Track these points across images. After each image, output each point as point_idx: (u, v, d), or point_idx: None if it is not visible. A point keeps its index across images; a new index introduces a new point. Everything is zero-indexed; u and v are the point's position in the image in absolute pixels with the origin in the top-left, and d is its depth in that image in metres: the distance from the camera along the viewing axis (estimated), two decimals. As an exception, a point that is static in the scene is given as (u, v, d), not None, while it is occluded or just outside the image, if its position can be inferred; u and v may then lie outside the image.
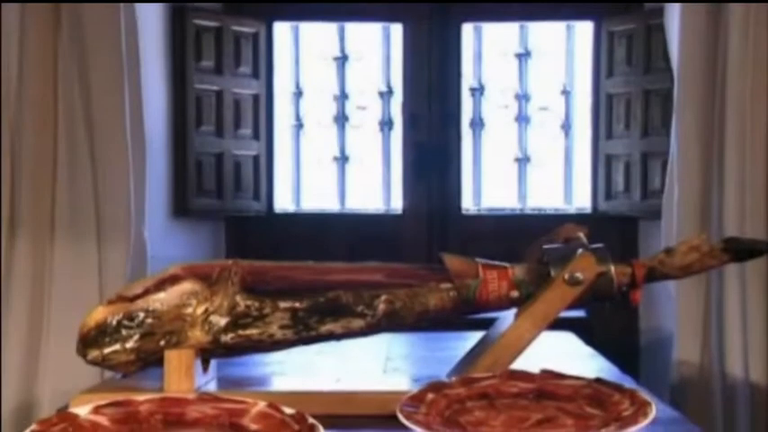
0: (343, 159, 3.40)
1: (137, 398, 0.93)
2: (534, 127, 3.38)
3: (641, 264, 1.16)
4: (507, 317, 1.19)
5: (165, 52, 3.08)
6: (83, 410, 0.89)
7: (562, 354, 1.53)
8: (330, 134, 3.40)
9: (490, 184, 3.38)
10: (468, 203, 3.33)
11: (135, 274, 2.36)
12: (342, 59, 3.39)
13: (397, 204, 3.34)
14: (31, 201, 2.34)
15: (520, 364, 1.11)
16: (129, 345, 1.12)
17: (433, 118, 3.28)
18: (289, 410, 0.91)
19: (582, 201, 3.30)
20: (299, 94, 3.41)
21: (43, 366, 2.33)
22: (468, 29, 3.32)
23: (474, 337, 1.25)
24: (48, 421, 0.87)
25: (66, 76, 2.37)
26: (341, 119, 3.39)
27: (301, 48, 3.40)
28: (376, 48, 3.39)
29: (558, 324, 1.20)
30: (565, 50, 3.36)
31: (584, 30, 3.29)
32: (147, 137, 2.53)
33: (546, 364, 1.07)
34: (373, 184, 3.40)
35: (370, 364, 1.43)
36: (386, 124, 3.38)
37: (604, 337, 2.20)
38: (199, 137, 3.12)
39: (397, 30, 3.33)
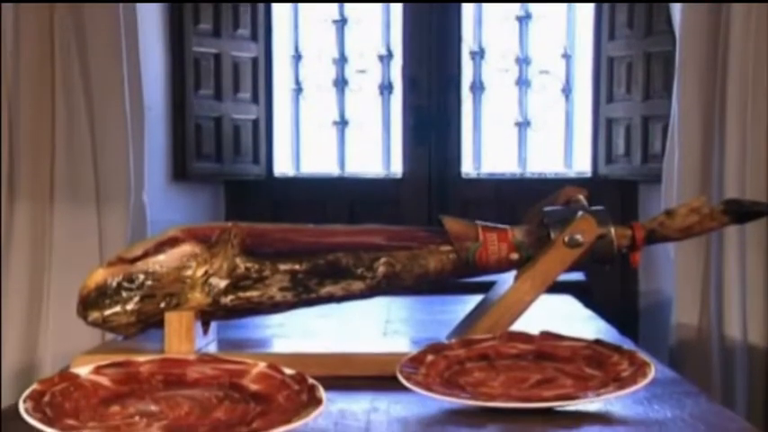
0: (342, 123, 3.39)
1: (137, 359, 0.93)
2: (535, 91, 3.36)
3: (641, 226, 1.16)
4: (507, 279, 1.19)
5: (163, 15, 3.06)
6: (83, 370, 0.90)
7: (561, 316, 1.53)
8: (329, 98, 3.38)
9: (490, 148, 3.37)
10: (468, 167, 3.33)
11: (135, 238, 2.36)
12: (341, 22, 3.37)
13: (397, 168, 3.33)
14: (29, 166, 2.34)
15: (519, 326, 1.11)
16: (130, 307, 1.12)
17: (432, 82, 3.26)
18: (289, 371, 0.91)
19: (582, 165, 3.29)
20: (298, 57, 3.38)
21: (44, 329, 2.35)
22: (468, -9, 3.30)
23: (473, 300, 1.26)
24: (49, 381, 0.87)
25: (63, 41, 2.35)
26: (340, 82, 3.37)
27: (300, 10, 3.37)
28: (375, 11, 3.36)
29: (558, 287, 1.21)
30: (566, 13, 3.33)
31: (586, -8, 3.26)
32: (146, 101, 2.52)
33: (545, 327, 1.08)
34: (373, 148, 3.38)
35: (370, 327, 1.44)
36: (385, 88, 3.37)
37: (603, 300, 2.21)
38: (197, 100, 3.11)
39: (396, -8, 3.30)
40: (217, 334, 1.22)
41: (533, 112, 3.36)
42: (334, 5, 3.36)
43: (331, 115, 3.38)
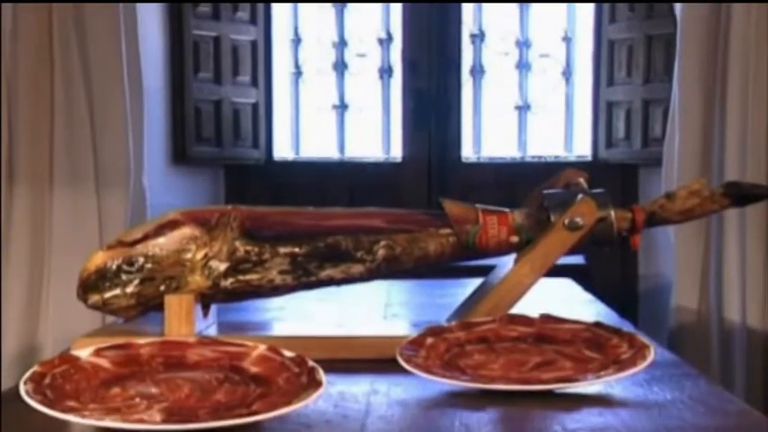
0: (342, 107, 3.38)
1: (137, 341, 0.93)
2: (535, 74, 3.35)
3: (641, 208, 1.16)
4: (507, 262, 1.19)
5: (162, -2, 3.05)
6: (84, 353, 0.90)
7: (561, 300, 1.53)
8: (329, 82, 3.37)
9: (490, 131, 3.37)
10: (468, 151, 3.32)
11: (135, 221, 2.37)
12: (340, 6, 3.35)
13: (397, 152, 3.32)
14: (28, 150, 2.34)
15: (519, 309, 1.11)
16: (130, 289, 1.12)
17: (432, 65, 3.25)
18: (289, 354, 0.91)
19: (582, 148, 3.29)
20: (297, 40, 3.37)
21: (45, 312, 2.35)
22: (468, -26, 3.28)
23: (473, 284, 1.26)
24: (50, 363, 0.87)
25: (61, 24, 2.35)
26: (340, 66, 3.36)
27: (299, -6, 3.36)
28: (375, -6, 3.35)
29: (558, 271, 1.21)
30: (566, -4, 3.31)
31: (586, -26, 3.24)
32: (145, 84, 2.51)
33: (545, 310, 1.08)
34: (373, 132, 3.38)
35: (370, 311, 1.44)
36: (385, 71, 3.36)
37: (603, 283, 2.21)
38: (197, 84, 3.10)
39: (396, -25, 3.29)
40: (217, 317, 1.22)
41: (533, 96, 3.35)
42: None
43: (330, 99, 3.38)
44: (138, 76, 2.47)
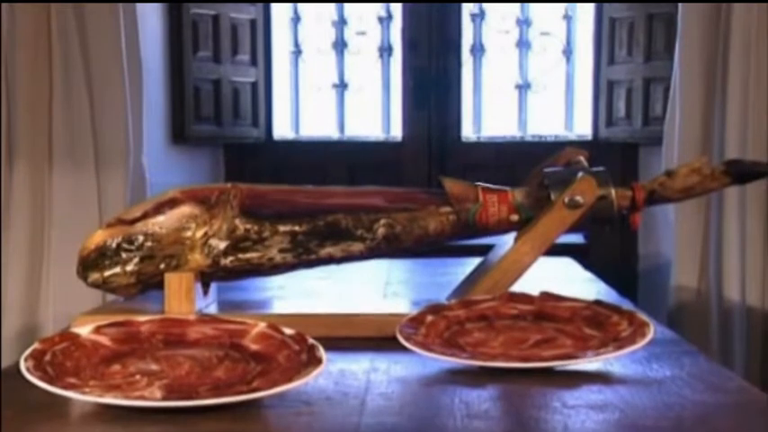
0: (342, 86, 3.37)
1: (138, 318, 0.93)
2: (535, 52, 3.33)
3: (642, 186, 1.16)
4: (507, 241, 1.19)
5: (161, -24, 3.03)
6: (84, 330, 0.90)
7: (561, 278, 1.53)
8: (329, 60, 3.36)
9: (490, 111, 3.36)
10: (468, 131, 3.31)
11: (134, 200, 2.36)
12: (341, -11, 3.34)
13: (397, 132, 3.31)
14: (27, 129, 2.33)
15: (519, 287, 1.11)
16: (129, 268, 1.12)
17: (433, 44, 3.24)
18: (289, 331, 0.91)
19: (583, 127, 3.28)
20: (297, 19, 3.35)
21: (45, 290, 2.36)
22: (468, -48, 3.26)
23: (473, 262, 1.26)
24: (50, 340, 0.87)
25: (60, 4, 2.33)
26: (340, 45, 3.35)
27: (299, -28, 3.34)
28: (375, -28, 3.33)
29: (558, 250, 1.21)
30: (567, -26, 3.29)
31: (588, -48, 3.22)
32: (144, 63, 2.50)
33: (545, 288, 1.08)
34: (372, 111, 3.37)
35: (370, 289, 1.44)
36: (385, 50, 3.34)
37: (603, 262, 2.21)
38: (196, 63, 3.08)
39: (396, -47, 3.27)
40: (217, 295, 1.22)
41: (534, 75, 3.34)
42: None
43: (330, 78, 3.36)
44: (137, 56, 2.46)
